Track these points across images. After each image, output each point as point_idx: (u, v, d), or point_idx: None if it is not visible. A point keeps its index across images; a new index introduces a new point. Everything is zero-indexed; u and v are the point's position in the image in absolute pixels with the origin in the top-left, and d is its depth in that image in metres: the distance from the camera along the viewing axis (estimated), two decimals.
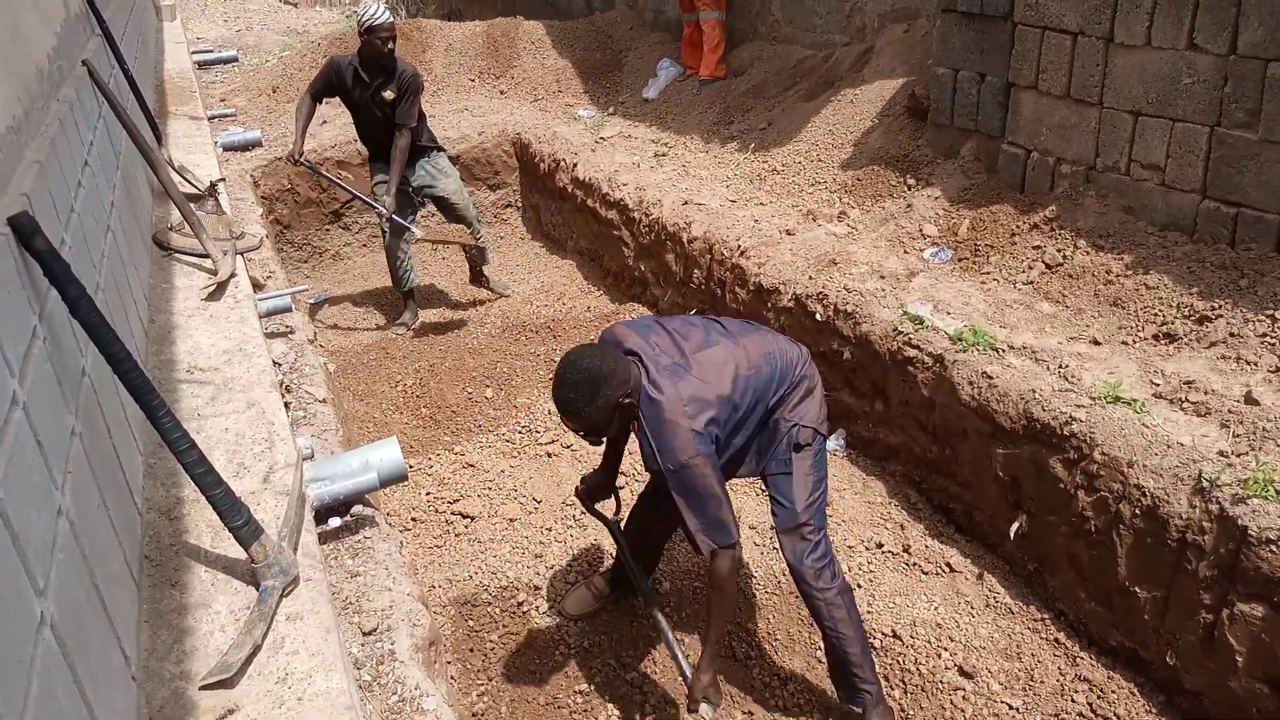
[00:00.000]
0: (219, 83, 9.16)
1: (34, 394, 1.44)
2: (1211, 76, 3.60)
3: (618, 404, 2.48)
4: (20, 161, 1.87)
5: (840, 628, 2.85)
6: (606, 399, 2.46)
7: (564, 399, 2.48)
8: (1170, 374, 3.30)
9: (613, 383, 2.45)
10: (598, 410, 2.47)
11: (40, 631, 1.21)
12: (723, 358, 2.67)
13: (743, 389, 2.67)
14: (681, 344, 2.68)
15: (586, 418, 2.50)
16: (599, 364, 2.46)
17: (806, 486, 2.84)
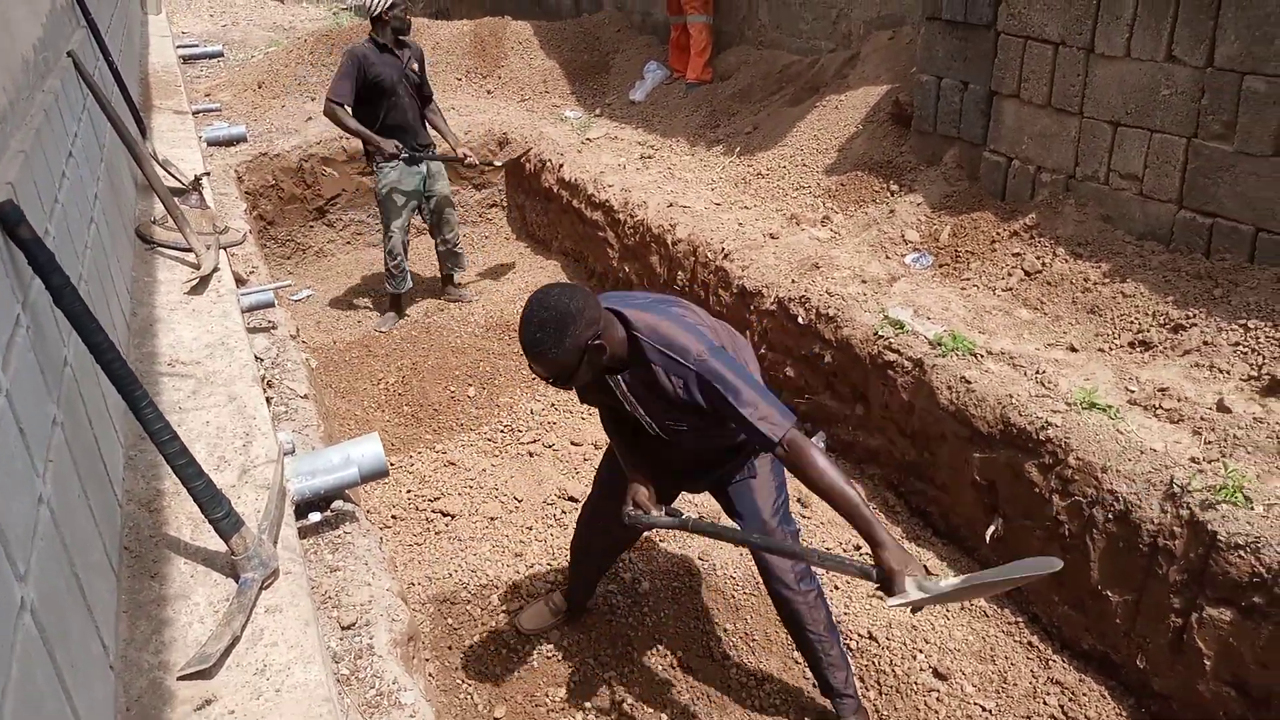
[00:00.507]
0: (204, 77, 9.12)
1: (17, 382, 1.44)
2: (1189, 88, 3.66)
3: (587, 344, 2.32)
4: (5, 151, 1.87)
5: (821, 630, 2.87)
6: (575, 338, 2.29)
7: (531, 338, 2.31)
8: (1145, 381, 3.34)
9: (581, 321, 2.29)
10: (565, 351, 2.29)
11: (21, 617, 1.22)
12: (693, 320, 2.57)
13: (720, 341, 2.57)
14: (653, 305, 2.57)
15: (554, 359, 2.31)
16: (568, 301, 2.30)
17: (768, 493, 2.82)
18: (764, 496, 2.81)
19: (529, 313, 2.33)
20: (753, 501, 2.81)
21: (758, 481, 2.81)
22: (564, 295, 2.33)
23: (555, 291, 2.35)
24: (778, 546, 2.71)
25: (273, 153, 6.84)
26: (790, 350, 4.47)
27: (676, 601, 3.56)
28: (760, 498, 2.81)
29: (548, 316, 2.29)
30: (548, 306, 2.30)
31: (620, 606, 3.52)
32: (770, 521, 2.80)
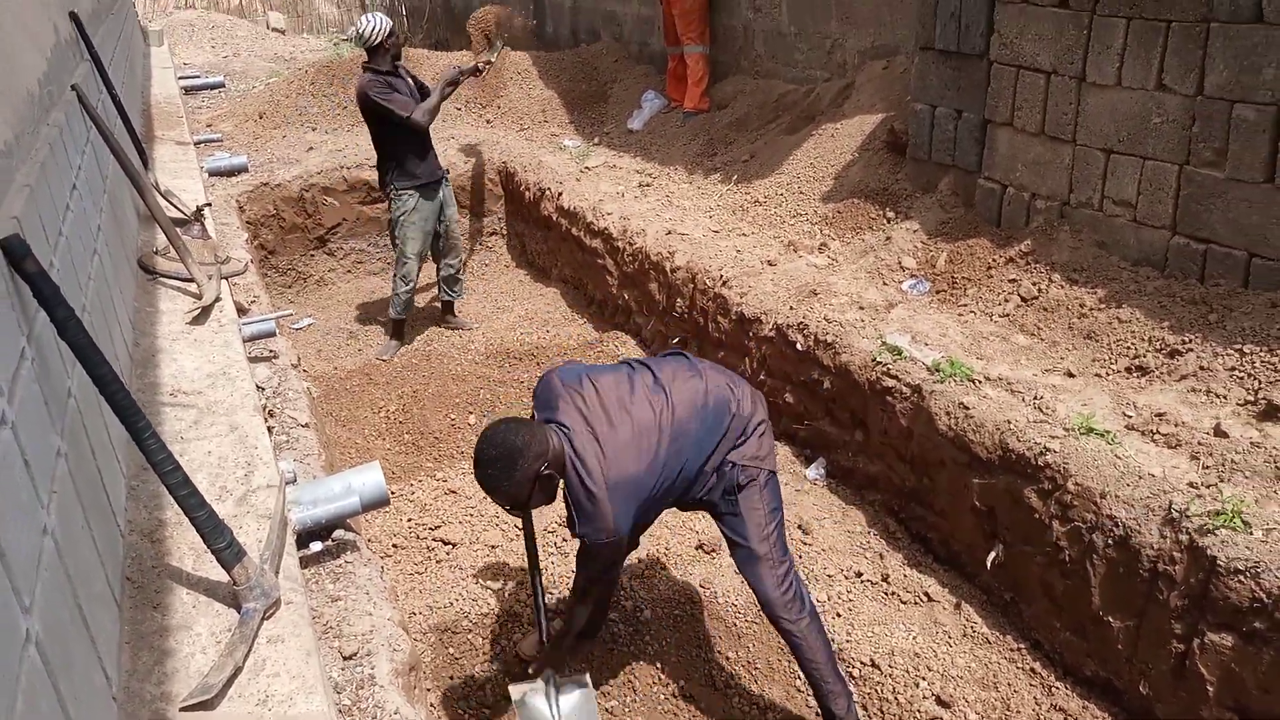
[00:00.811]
0: (206, 108, 9.19)
1: (22, 414, 1.46)
2: (1180, 116, 3.70)
3: (536, 475, 2.49)
4: (11, 185, 1.90)
5: (817, 656, 2.89)
6: (524, 472, 2.47)
7: (482, 475, 2.52)
8: (1142, 406, 3.36)
9: (529, 455, 2.47)
10: (516, 485, 2.49)
11: (25, 648, 1.22)
12: (647, 428, 2.66)
13: (666, 458, 2.68)
14: (608, 409, 2.67)
15: (506, 492, 2.52)
16: (514, 439, 2.48)
17: (757, 521, 2.84)
18: (754, 524, 2.85)
19: (479, 451, 2.51)
20: (743, 529, 2.86)
21: (745, 512, 2.85)
22: (511, 433, 2.50)
23: (503, 429, 2.52)
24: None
25: (274, 182, 6.89)
26: (789, 376, 4.48)
27: (678, 629, 3.55)
28: (750, 526, 2.85)
29: (497, 455, 2.47)
30: (495, 444, 2.49)
31: (622, 635, 3.51)
32: (759, 548, 2.84)
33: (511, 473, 2.46)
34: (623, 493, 2.58)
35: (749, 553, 2.85)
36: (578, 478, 2.57)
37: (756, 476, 2.85)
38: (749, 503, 2.84)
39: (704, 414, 2.77)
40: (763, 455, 2.88)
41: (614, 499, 2.56)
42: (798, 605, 2.86)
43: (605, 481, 2.55)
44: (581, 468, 2.56)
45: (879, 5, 6.16)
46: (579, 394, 2.69)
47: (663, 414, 2.70)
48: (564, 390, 2.71)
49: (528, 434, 2.50)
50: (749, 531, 2.84)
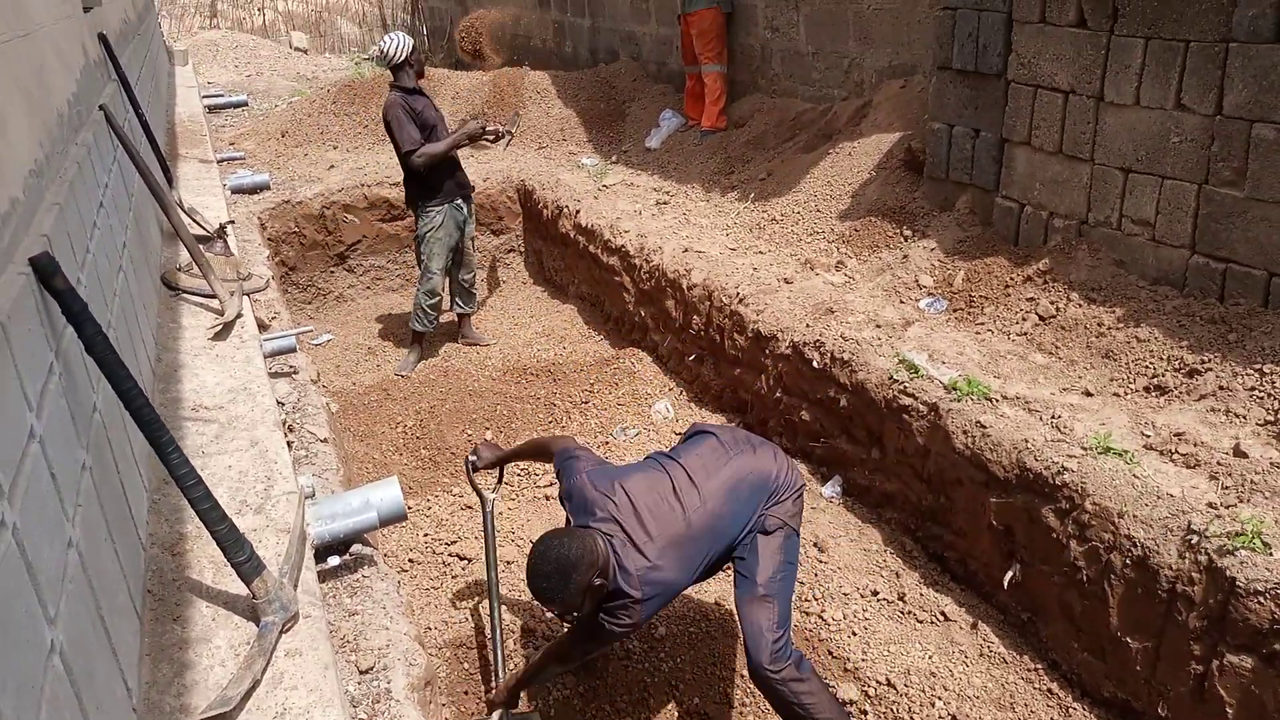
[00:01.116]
0: (229, 126, 9.31)
1: (50, 428, 1.49)
2: (1199, 136, 3.69)
3: (589, 585, 2.54)
4: (41, 203, 1.94)
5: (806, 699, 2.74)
6: (578, 584, 2.52)
7: (539, 588, 2.55)
8: (1161, 426, 3.34)
9: (582, 568, 2.52)
10: (570, 595, 2.53)
11: (50, 659, 1.25)
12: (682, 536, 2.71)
13: (708, 550, 2.77)
14: (644, 517, 2.71)
15: (561, 603, 2.57)
16: (568, 552, 2.52)
17: (769, 563, 2.83)
18: (766, 563, 2.84)
19: (534, 564, 2.55)
20: (754, 565, 2.85)
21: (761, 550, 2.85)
22: (564, 546, 2.54)
23: (556, 543, 2.56)
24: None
25: (295, 200, 6.97)
26: (805, 394, 4.48)
27: (693, 647, 3.54)
28: (761, 563, 2.84)
29: (552, 570, 2.52)
30: (550, 559, 2.53)
31: (636, 652, 3.51)
32: (762, 585, 2.81)
33: (567, 585, 2.51)
34: (657, 598, 2.68)
35: (751, 585, 2.81)
36: (621, 584, 2.63)
37: (782, 527, 2.88)
38: (767, 546, 2.85)
39: (737, 497, 2.83)
40: (793, 514, 2.93)
41: (645, 605, 2.64)
42: (783, 660, 2.74)
43: (641, 591, 2.62)
44: (621, 576, 2.62)
45: (897, 25, 6.19)
46: (612, 501, 2.74)
47: (696, 518, 2.75)
48: (599, 496, 2.77)
49: (579, 546, 2.55)
50: (758, 569, 2.83)
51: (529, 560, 2.58)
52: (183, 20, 18.33)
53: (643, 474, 2.87)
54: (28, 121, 2.01)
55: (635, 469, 2.94)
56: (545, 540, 2.60)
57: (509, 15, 9.32)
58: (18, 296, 1.46)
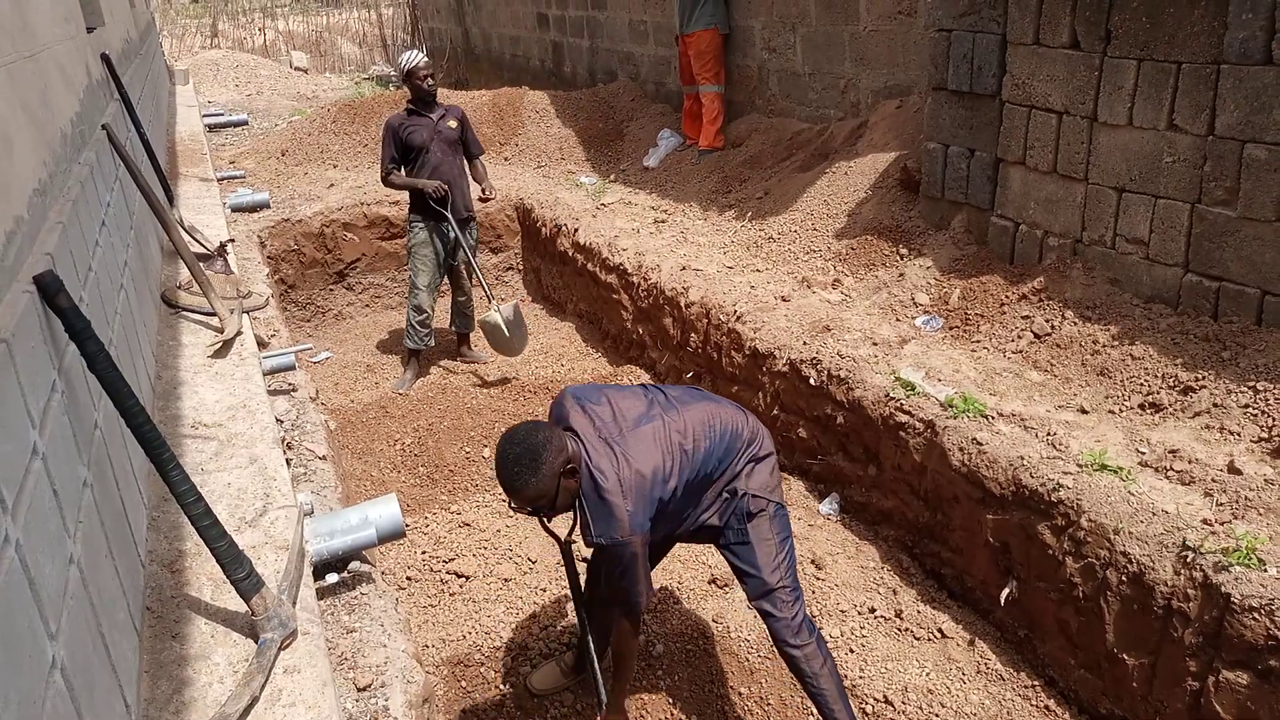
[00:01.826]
0: (229, 145, 9.36)
1: (52, 445, 1.50)
2: (1191, 156, 3.73)
3: (560, 472, 2.51)
4: (45, 222, 1.96)
5: (822, 683, 2.90)
6: (549, 467, 2.47)
7: (508, 474, 2.49)
8: (1155, 443, 3.36)
9: (551, 450, 2.48)
10: (541, 480, 2.48)
11: (51, 674, 1.26)
12: (659, 433, 2.71)
13: (678, 464, 2.71)
14: (621, 419, 2.72)
15: (533, 489, 2.49)
16: (534, 436, 2.50)
17: (769, 550, 2.89)
18: (765, 554, 2.89)
19: (501, 451, 2.51)
20: (754, 559, 2.89)
21: (755, 541, 2.89)
22: (530, 432, 2.52)
23: (522, 429, 2.54)
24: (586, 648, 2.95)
25: (295, 218, 7.00)
26: (802, 411, 4.50)
27: (690, 664, 3.54)
28: (761, 556, 2.89)
29: (520, 452, 2.47)
30: (516, 442, 2.49)
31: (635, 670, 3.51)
32: (770, 579, 2.88)
33: (537, 468, 2.46)
34: (636, 491, 2.58)
35: (760, 583, 2.90)
36: (591, 480, 2.58)
37: (766, 507, 2.89)
38: (759, 533, 2.89)
39: (713, 432, 2.82)
40: (772, 486, 2.94)
41: (628, 496, 2.56)
42: (805, 632, 2.90)
43: (620, 481, 2.57)
44: (595, 469, 2.57)
45: (892, 46, 6.25)
46: (593, 406, 2.75)
47: (674, 425, 2.75)
48: (575, 404, 2.76)
49: (548, 432, 2.52)
50: (760, 561, 2.88)
51: (498, 448, 2.52)
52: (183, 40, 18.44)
53: (628, 391, 2.89)
54: (32, 141, 2.03)
55: (622, 387, 2.94)
56: (513, 428, 2.57)
57: None
58: (22, 314, 1.48)
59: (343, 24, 20.67)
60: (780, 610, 2.88)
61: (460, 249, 6.09)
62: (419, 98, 5.84)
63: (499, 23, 12.71)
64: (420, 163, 5.83)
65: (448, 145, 5.88)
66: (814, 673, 2.89)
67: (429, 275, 5.98)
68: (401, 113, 5.88)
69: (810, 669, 2.89)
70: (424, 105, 5.85)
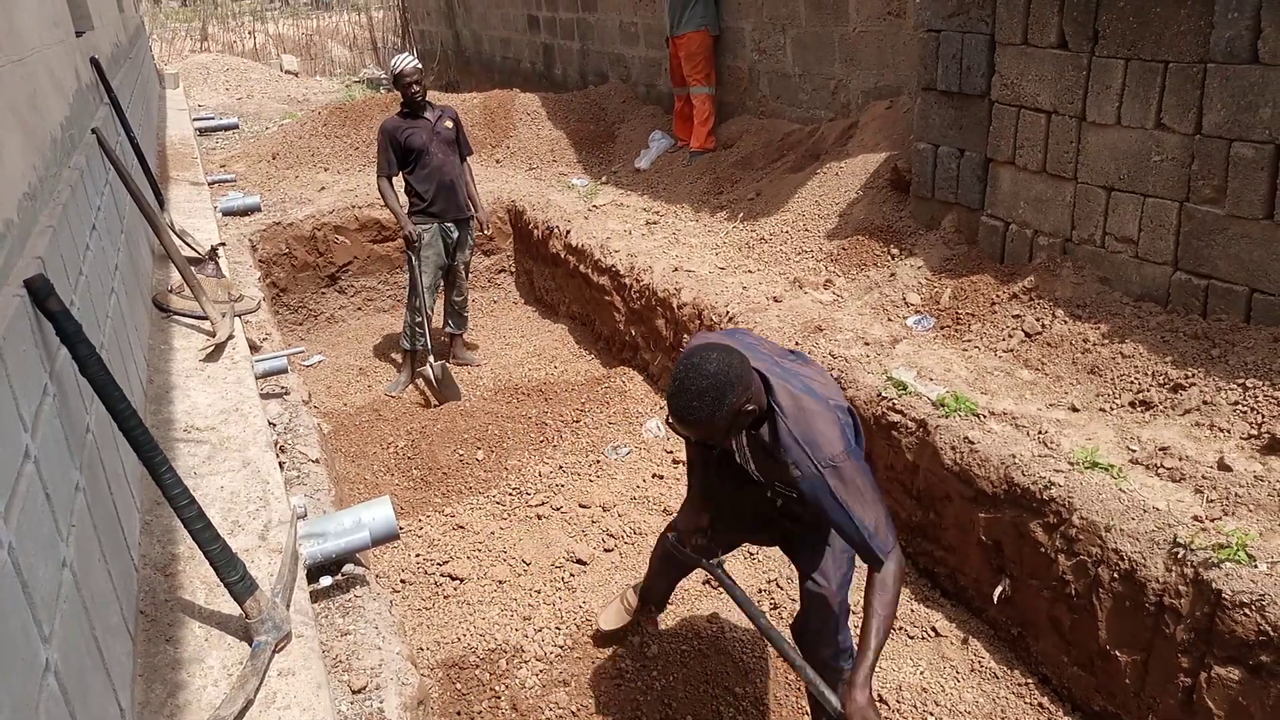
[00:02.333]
0: (219, 149, 9.34)
1: (44, 448, 1.50)
2: (1179, 154, 3.75)
3: (740, 410, 2.26)
4: (35, 226, 1.96)
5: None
6: (731, 405, 2.23)
7: (686, 407, 2.23)
8: (1146, 440, 3.38)
9: (738, 388, 2.23)
10: (721, 419, 2.24)
11: (45, 677, 1.26)
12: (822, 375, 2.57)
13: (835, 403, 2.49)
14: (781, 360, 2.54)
15: (709, 425, 2.26)
16: (725, 369, 2.22)
17: (842, 563, 2.79)
18: (834, 565, 2.76)
19: (684, 380, 2.23)
20: (824, 564, 2.75)
21: (832, 549, 2.77)
22: (722, 362, 2.24)
23: (713, 358, 2.25)
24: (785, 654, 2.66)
25: (286, 222, 6.99)
26: None
27: (685, 665, 3.55)
28: (831, 564, 2.75)
29: (707, 386, 2.21)
30: (706, 374, 2.22)
31: (629, 670, 3.51)
32: (834, 590, 2.76)
33: (721, 405, 2.21)
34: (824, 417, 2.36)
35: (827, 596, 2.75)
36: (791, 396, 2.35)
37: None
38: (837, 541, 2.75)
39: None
40: None
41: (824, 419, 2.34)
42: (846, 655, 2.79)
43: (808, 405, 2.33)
44: (789, 394, 2.36)
45: (881, 47, 6.27)
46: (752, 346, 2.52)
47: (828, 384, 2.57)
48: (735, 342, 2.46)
49: (739, 364, 2.25)
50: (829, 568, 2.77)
51: (677, 374, 2.25)
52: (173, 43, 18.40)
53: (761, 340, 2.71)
54: (22, 145, 2.03)
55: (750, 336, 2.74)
56: (698, 353, 2.27)
57: None
58: (13, 318, 1.48)
59: (333, 27, 20.66)
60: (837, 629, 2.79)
61: (458, 250, 6.10)
62: (407, 102, 5.84)
63: (489, 25, 12.71)
64: (421, 165, 5.82)
65: (447, 146, 5.90)
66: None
67: (431, 276, 5.98)
68: (396, 116, 5.87)
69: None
70: (415, 109, 5.84)
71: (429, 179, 5.83)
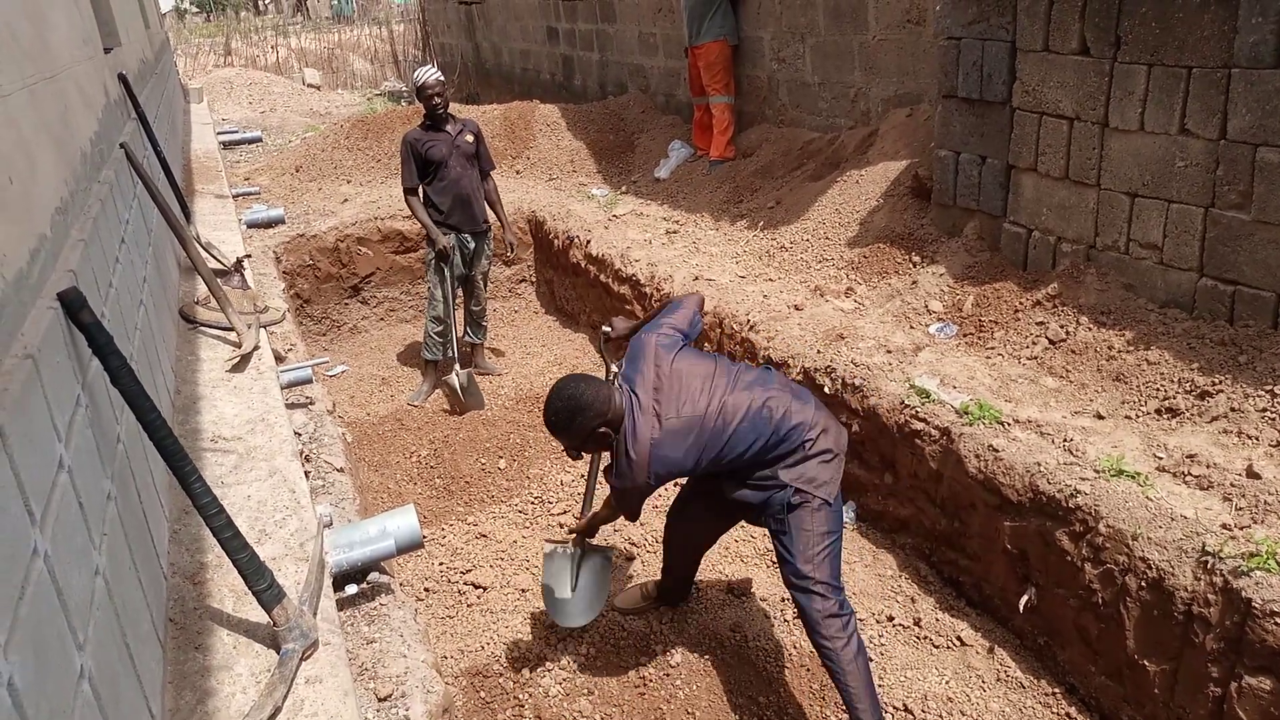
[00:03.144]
0: (243, 162, 9.44)
1: (77, 458, 1.52)
2: (1204, 160, 3.72)
3: (592, 430, 2.83)
4: (67, 240, 1.99)
5: (848, 680, 2.90)
6: (581, 426, 2.81)
7: (548, 420, 2.87)
8: (1173, 448, 3.34)
9: (589, 414, 2.80)
10: (573, 434, 2.84)
11: (80, 684, 1.27)
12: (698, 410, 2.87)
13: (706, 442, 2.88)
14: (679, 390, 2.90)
15: (566, 437, 2.89)
16: (579, 395, 2.81)
17: (806, 541, 2.93)
18: (802, 543, 2.94)
19: (549, 400, 2.87)
20: (791, 546, 2.96)
21: (794, 530, 2.96)
22: (578, 389, 2.84)
23: (572, 384, 2.87)
24: None
25: (309, 234, 7.05)
26: None
27: (709, 674, 3.54)
28: (798, 544, 2.94)
29: (561, 406, 2.83)
30: (563, 397, 2.84)
31: (652, 679, 3.51)
32: (803, 568, 2.93)
33: (571, 424, 2.82)
34: (656, 460, 2.85)
35: (794, 570, 2.95)
36: (625, 445, 2.85)
37: (809, 500, 2.93)
38: (799, 522, 2.94)
39: (756, 418, 2.92)
40: (821, 481, 2.96)
41: (650, 464, 2.84)
42: (837, 627, 2.92)
43: (648, 456, 2.83)
44: (631, 438, 2.84)
45: (901, 55, 6.26)
46: (659, 367, 2.94)
47: (716, 404, 2.90)
48: (650, 357, 2.97)
49: (593, 394, 2.83)
50: (796, 549, 2.94)
51: (548, 395, 2.87)
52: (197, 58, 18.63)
53: (697, 359, 3.03)
54: (54, 160, 2.06)
55: (693, 352, 3.08)
56: (564, 380, 2.90)
57: None
58: (47, 330, 1.51)
59: (354, 41, 20.85)
60: (811, 602, 2.93)
61: (475, 261, 6.13)
62: (429, 113, 5.88)
63: (509, 37, 12.79)
64: (439, 177, 5.86)
65: (466, 160, 5.92)
66: (841, 669, 2.91)
67: (448, 285, 6.01)
68: (418, 128, 5.91)
69: (837, 664, 2.91)
70: (437, 122, 5.89)
71: (446, 191, 5.87)
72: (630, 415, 2.85)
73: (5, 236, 1.49)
